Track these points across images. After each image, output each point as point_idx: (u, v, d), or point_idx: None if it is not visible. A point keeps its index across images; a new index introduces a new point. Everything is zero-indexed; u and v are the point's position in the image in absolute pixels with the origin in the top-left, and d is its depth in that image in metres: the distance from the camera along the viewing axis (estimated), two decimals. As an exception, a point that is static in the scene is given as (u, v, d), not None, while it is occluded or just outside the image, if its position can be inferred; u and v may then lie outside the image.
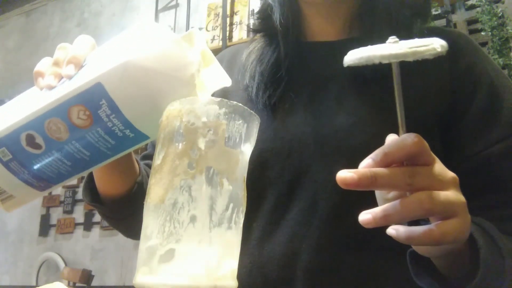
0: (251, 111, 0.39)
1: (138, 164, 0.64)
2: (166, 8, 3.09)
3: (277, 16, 0.64)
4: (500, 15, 1.87)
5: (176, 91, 0.41)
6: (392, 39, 0.34)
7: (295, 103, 0.62)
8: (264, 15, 0.68)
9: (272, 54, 0.65)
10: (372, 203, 0.38)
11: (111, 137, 0.43)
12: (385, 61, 0.33)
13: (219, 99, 0.37)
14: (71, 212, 3.20)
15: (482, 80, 0.58)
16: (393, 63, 0.35)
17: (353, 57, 0.35)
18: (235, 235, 0.37)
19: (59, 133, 0.42)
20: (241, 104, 0.38)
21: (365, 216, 0.34)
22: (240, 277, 0.41)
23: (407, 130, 0.36)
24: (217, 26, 2.70)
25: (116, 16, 3.42)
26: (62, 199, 3.24)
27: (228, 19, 2.58)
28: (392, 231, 0.36)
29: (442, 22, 2.00)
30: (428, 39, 0.34)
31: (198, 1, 2.98)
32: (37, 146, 0.43)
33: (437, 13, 1.98)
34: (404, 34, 0.58)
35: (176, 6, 3.07)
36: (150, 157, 0.73)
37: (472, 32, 2.04)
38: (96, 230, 3.05)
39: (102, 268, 2.88)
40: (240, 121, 0.38)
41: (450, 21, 1.96)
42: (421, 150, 0.34)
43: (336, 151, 0.57)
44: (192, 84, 0.42)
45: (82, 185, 0.51)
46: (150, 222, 0.36)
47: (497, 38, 1.84)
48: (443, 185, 0.34)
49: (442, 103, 0.58)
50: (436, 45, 0.33)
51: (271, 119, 0.62)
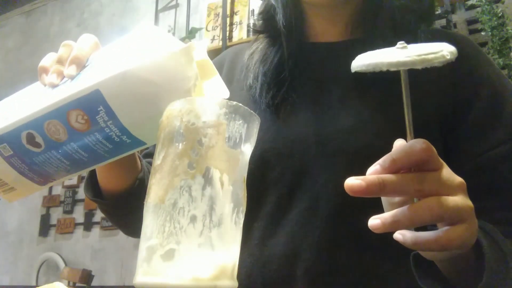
0: (251, 111, 0.39)
1: (140, 160, 0.64)
2: (166, 8, 3.09)
3: (280, 17, 0.64)
4: (500, 15, 1.87)
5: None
6: (401, 44, 0.34)
7: (297, 103, 0.62)
8: (267, 16, 0.68)
9: (276, 55, 0.65)
10: (373, 204, 0.38)
11: (108, 141, 0.44)
12: (393, 69, 0.33)
13: (219, 99, 0.37)
14: (71, 212, 3.20)
15: (484, 83, 0.58)
16: (401, 70, 0.34)
17: (361, 63, 0.35)
18: (235, 235, 0.37)
19: (58, 134, 0.43)
20: (241, 104, 0.38)
21: (374, 222, 0.34)
22: (241, 277, 0.41)
23: None
24: (217, 26, 2.70)
25: (116, 16, 3.41)
26: (62, 199, 3.24)
27: (228, 19, 2.58)
28: (399, 236, 0.36)
29: (442, 22, 2.00)
30: (437, 45, 0.33)
31: (198, 1, 2.98)
32: (37, 145, 0.44)
33: (437, 13, 1.98)
34: (408, 38, 0.58)
35: (176, 6, 3.07)
36: (151, 155, 0.73)
37: (472, 32, 2.04)
38: (96, 230, 3.05)
39: (102, 268, 2.88)
40: (240, 121, 0.38)
41: (450, 21, 1.96)
42: (429, 156, 0.34)
43: (338, 152, 0.57)
44: (187, 96, 0.42)
45: (82, 184, 0.51)
46: (150, 222, 0.36)
47: (497, 38, 1.84)
48: (451, 190, 0.34)
49: (444, 106, 0.58)
50: (445, 52, 0.32)
51: (274, 119, 0.62)
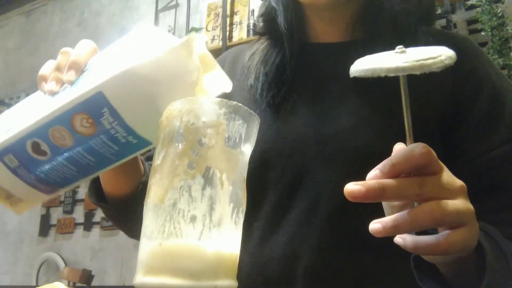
0: (251, 111, 0.39)
1: (143, 164, 0.64)
2: (166, 8, 3.09)
3: (281, 19, 0.64)
4: (500, 15, 1.87)
5: (176, 98, 0.41)
6: (399, 48, 0.34)
7: (298, 103, 0.62)
8: (268, 18, 0.68)
9: (277, 56, 0.65)
10: (373, 205, 0.38)
11: (115, 143, 0.43)
12: (391, 74, 0.32)
13: (219, 99, 0.37)
14: (71, 212, 3.20)
15: (484, 84, 0.58)
16: (400, 75, 0.34)
17: (359, 68, 0.34)
18: (235, 235, 0.37)
19: (64, 140, 0.43)
20: (241, 104, 0.38)
21: (375, 226, 0.34)
22: (241, 277, 0.41)
23: None
24: (217, 26, 2.69)
25: (116, 16, 3.41)
26: (62, 199, 3.24)
27: (228, 19, 2.58)
28: (399, 240, 0.36)
29: (442, 22, 2.00)
30: (436, 49, 0.33)
31: (198, 1, 2.98)
32: (43, 153, 0.44)
33: (437, 13, 1.98)
34: (409, 40, 0.58)
35: (176, 6, 3.07)
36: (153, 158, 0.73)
37: (472, 32, 2.04)
38: (96, 230, 3.06)
39: (102, 268, 2.88)
40: (240, 121, 0.38)
41: (450, 21, 1.96)
42: (429, 160, 0.33)
43: (338, 152, 0.57)
44: (191, 91, 0.42)
45: (82, 185, 0.51)
46: (150, 222, 0.36)
47: (497, 38, 1.84)
48: (452, 194, 0.34)
49: (444, 106, 0.58)
50: (443, 57, 0.32)
51: (274, 119, 0.62)
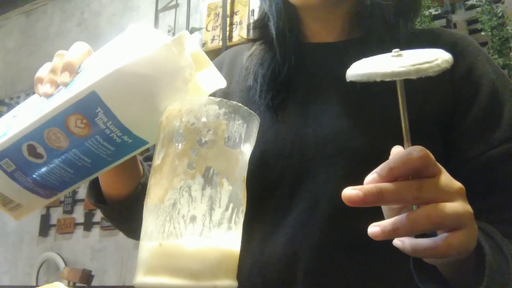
0: (251, 111, 0.39)
1: (142, 165, 0.64)
2: (166, 8, 3.09)
3: (272, 25, 0.65)
4: (500, 15, 1.87)
5: (170, 96, 0.41)
6: (396, 52, 0.34)
7: (297, 104, 0.62)
8: (262, 24, 0.69)
9: (272, 60, 0.65)
10: (373, 206, 0.38)
11: (110, 143, 0.43)
12: (387, 79, 0.32)
13: (218, 99, 0.37)
14: (71, 212, 3.20)
15: (483, 82, 0.58)
16: (397, 80, 0.34)
17: (355, 72, 0.34)
18: (235, 235, 0.37)
19: (59, 142, 0.43)
20: (240, 104, 0.38)
21: (374, 229, 0.34)
22: (240, 277, 0.41)
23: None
24: (217, 26, 2.69)
25: (116, 16, 3.41)
26: (62, 199, 3.24)
27: (228, 19, 2.58)
28: (398, 243, 0.36)
29: (442, 22, 2.00)
30: (432, 52, 0.33)
31: (198, 1, 2.98)
32: (39, 156, 0.43)
33: (437, 13, 1.98)
34: (399, 35, 0.59)
35: (176, 6, 3.07)
36: (152, 158, 0.73)
37: (472, 32, 2.04)
38: (96, 230, 3.05)
39: (102, 268, 2.88)
40: (240, 121, 0.38)
41: (450, 21, 1.96)
42: (427, 163, 0.33)
43: (337, 153, 0.57)
44: (185, 88, 0.42)
45: (83, 185, 0.51)
46: (150, 222, 0.36)
47: (497, 38, 1.84)
48: (450, 196, 0.34)
49: (443, 105, 0.58)
50: (439, 61, 0.32)
51: (273, 120, 0.62)
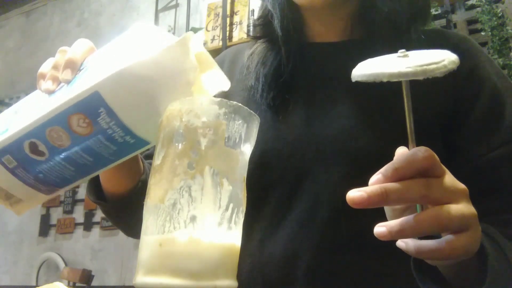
0: (251, 111, 0.39)
1: (143, 162, 0.64)
2: (166, 8, 3.09)
3: (277, 23, 0.64)
4: (500, 15, 1.87)
5: (173, 98, 0.41)
6: (402, 52, 0.34)
7: (298, 104, 0.62)
8: (265, 21, 0.68)
9: (275, 58, 0.65)
10: (378, 206, 0.38)
11: (112, 143, 0.43)
12: (394, 80, 0.32)
13: (219, 99, 0.37)
14: (71, 212, 3.20)
15: (484, 84, 0.58)
16: (403, 80, 0.34)
17: (361, 73, 0.34)
18: (235, 235, 0.37)
19: (61, 140, 0.43)
20: (241, 104, 0.38)
21: (380, 229, 0.33)
22: (240, 277, 0.41)
23: None
24: (217, 26, 2.69)
25: (116, 16, 3.41)
26: (62, 199, 3.24)
27: (228, 19, 2.58)
28: (401, 244, 0.35)
29: (442, 22, 2.00)
30: (439, 53, 0.33)
31: (198, 1, 2.98)
32: (41, 153, 0.43)
33: (437, 13, 1.98)
34: (405, 38, 0.58)
35: (176, 6, 3.07)
36: (152, 156, 0.73)
37: (472, 32, 2.04)
38: (96, 230, 3.05)
39: (102, 268, 2.88)
40: (240, 121, 0.38)
41: (450, 21, 1.96)
42: (432, 164, 0.33)
43: (338, 153, 0.57)
44: (189, 90, 0.42)
45: (82, 184, 0.51)
46: (150, 222, 0.36)
47: (497, 38, 1.84)
48: (456, 197, 0.34)
49: (445, 106, 0.58)
50: (446, 62, 0.32)
51: (274, 120, 0.62)
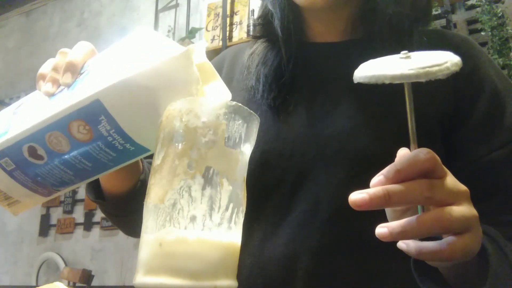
0: (251, 111, 0.39)
1: (142, 162, 0.64)
2: (166, 8, 3.09)
3: (277, 23, 0.64)
4: (500, 15, 1.87)
5: None
6: (404, 54, 0.33)
7: (299, 104, 0.62)
8: (265, 21, 0.68)
9: (275, 58, 0.65)
10: (380, 208, 0.38)
11: (112, 150, 0.43)
12: (396, 82, 0.32)
13: (218, 99, 0.37)
14: (71, 212, 3.20)
15: (485, 85, 0.58)
16: (405, 82, 0.34)
17: (363, 74, 0.34)
18: (235, 235, 0.37)
19: (60, 145, 0.43)
20: (240, 104, 0.38)
21: (382, 230, 0.33)
22: (240, 277, 0.41)
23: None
24: (217, 26, 2.69)
25: (116, 16, 3.41)
26: (62, 199, 3.24)
27: (228, 19, 2.58)
28: (402, 245, 0.35)
29: (442, 22, 2.00)
30: (441, 55, 0.33)
31: (198, 1, 2.98)
32: (39, 157, 0.43)
33: (437, 13, 1.98)
34: (406, 39, 0.58)
35: (176, 6, 3.07)
36: (152, 156, 0.73)
37: (472, 32, 2.04)
38: (96, 230, 3.05)
39: (102, 268, 2.88)
40: (240, 121, 0.38)
41: (450, 21, 1.96)
42: (434, 165, 0.33)
43: (338, 154, 0.57)
44: None
45: (83, 185, 0.51)
46: (150, 222, 0.36)
47: (497, 38, 1.84)
48: (458, 198, 0.34)
49: (445, 107, 0.58)
50: (449, 64, 0.32)
51: (275, 120, 0.62)
